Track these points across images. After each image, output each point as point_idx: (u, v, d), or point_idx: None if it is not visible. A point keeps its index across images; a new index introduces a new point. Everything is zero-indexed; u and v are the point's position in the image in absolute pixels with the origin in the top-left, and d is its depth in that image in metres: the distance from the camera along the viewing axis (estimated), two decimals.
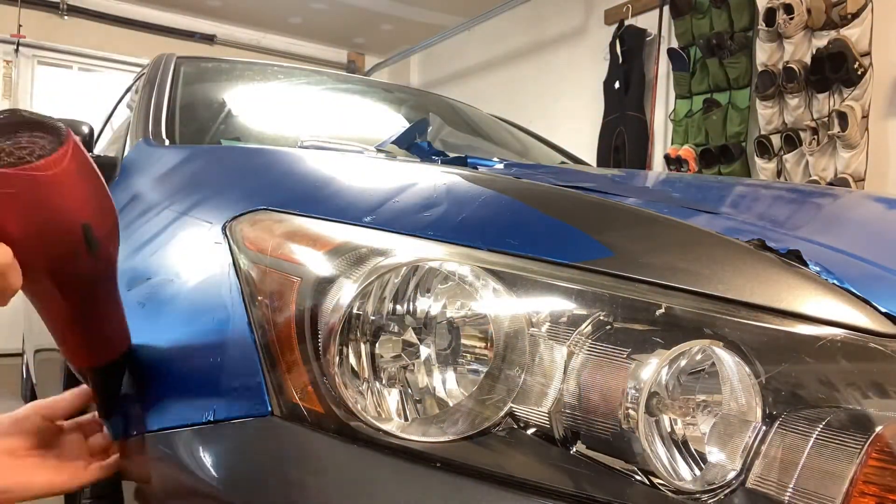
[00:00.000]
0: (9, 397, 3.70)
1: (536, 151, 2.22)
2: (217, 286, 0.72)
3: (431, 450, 0.56)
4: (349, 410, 0.59)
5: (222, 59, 2.23)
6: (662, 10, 4.29)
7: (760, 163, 3.68)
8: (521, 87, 5.45)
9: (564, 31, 5.11)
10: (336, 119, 2.02)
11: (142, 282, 0.87)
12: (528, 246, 0.62)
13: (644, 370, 0.52)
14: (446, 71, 6.32)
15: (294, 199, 0.79)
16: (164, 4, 5.85)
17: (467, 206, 0.71)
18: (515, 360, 0.57)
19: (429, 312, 0.61)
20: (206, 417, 0.65)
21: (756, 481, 0.49)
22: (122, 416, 0.79)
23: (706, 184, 1.26)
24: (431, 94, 2.75)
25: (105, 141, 2.50)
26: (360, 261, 0.63)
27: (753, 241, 0.62)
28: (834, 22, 3.32)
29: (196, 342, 0.72)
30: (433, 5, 5.72)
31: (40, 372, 2.14)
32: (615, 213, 0.72)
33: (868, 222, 0.96)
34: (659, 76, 4.32)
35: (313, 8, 5.82)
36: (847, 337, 0.51)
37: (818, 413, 0.49)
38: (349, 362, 0.60)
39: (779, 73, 3.53)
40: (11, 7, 5.25)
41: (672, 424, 0.53)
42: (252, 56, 5.95)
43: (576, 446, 0.54)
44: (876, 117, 3.29)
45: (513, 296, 0.58)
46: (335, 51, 6.85)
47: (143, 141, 1.44)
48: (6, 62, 5.27)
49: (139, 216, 1.06)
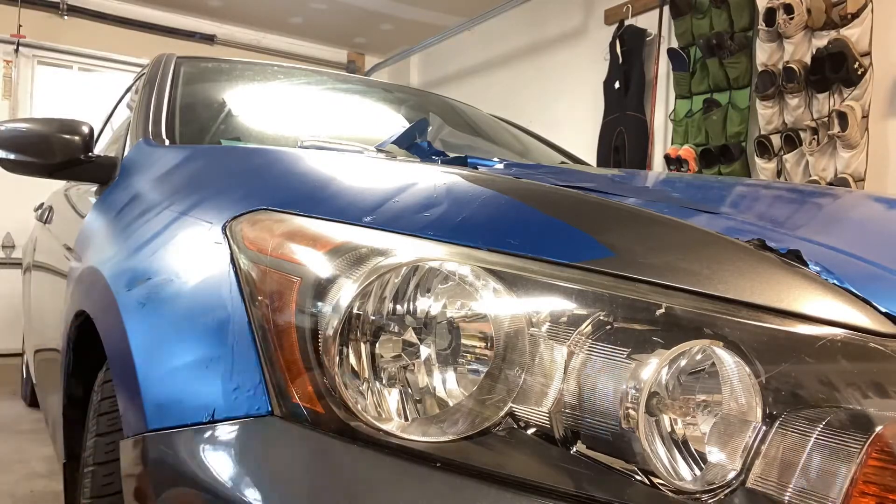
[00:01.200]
0: (9, 397, 3.70)
1: (536, 151, 2.22)
2: (217, 286, 0.72)
3: (431, 450, 0.56)
4: (349, 410, 0.59)
5: (222, 59, 2.22)
6: (662, 10, 4.29)
7: (760, 163, 3.68)
8: (521, 87, 5.45)
9: (564, 31, 5.11)
10: (336, 119, 2.02)
11: (142, 282, 0.86)
12: (528, 246, 0.62)
13: (644, 370, 0.52)
14: (446, 71, 6.31)
15: (294, 199, 0.79)
16: (164, 4, 5.85)
17: (467, 206, 0.71)
18: (515, 359, 0.57)
19: (429, 312, 0.61)
20: (206, 417, 0.65)
21: (756, 481, 0.49)
22: (123, 415, 0.79)
23: (706, 184, 1.26)
24: (431, 94, 2.75)
25: (105, 141, 2.49)
26: (361, 261, 0.63)
27: (753, 241, 0.62)
28: (834, 22, 3.32)
29: (196, 342, 0.72)
30: (433, 5, 5.71)
31: (40, 372, 2.14)
32: (615, 213, 0.72)
33: (868, 222, 0.96)
34: (659, 76, 4.32)
35: (313, 8, 5.82)
36: (847, 337, 0.51)
37: (818, 413, 0.49)
38: (349, 362, 0.60)
39: (779, 73, 3.53)
40: (11, 7, 5.25)
41: (672, 424, 0.53)
42: (252, 56, 5.95)
43: (576, 446, 0.54)
44: (876, 117, 3.28)
45: (513, 296, 0.58)
46: (335, 51, 6.85)
47: (143, 141, 1.44)
48: (6, 62, 5.27)
49: (139, 216, 1.06)
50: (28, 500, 2.23)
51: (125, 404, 0.78)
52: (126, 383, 0.78)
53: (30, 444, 2.81)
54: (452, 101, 2.54)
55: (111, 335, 0.87)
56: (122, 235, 1.08)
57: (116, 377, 0.84)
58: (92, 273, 1.07)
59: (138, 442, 0.72)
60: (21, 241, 4.38)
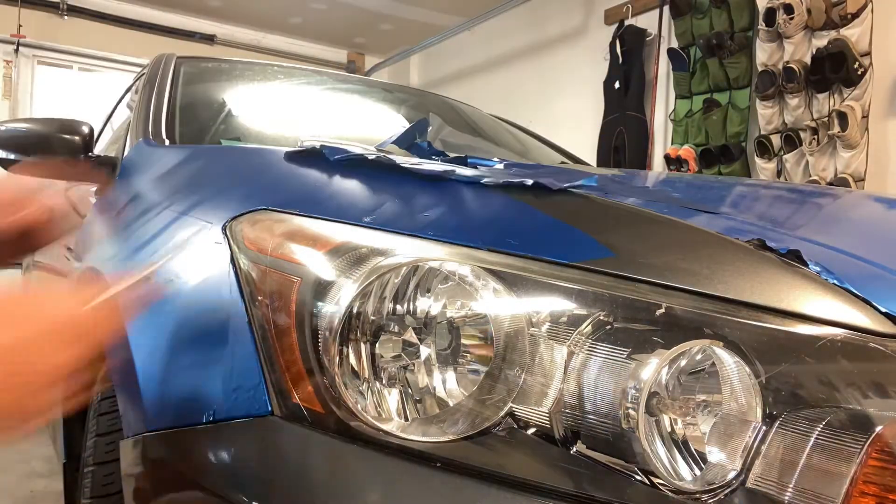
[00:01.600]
0: None
1: (536, 151, 2.22)
2: (217, 286, 0.72)
3: (432, 450, 0.56)
4: (349, 410, 0.59)
5: (222, 59, 2.22)
6: (662, 10, 4.29)
7: (760, 163, 3.68)
8: (521, 87, 5.44)
9: (564, 31, 5.11)
10: (336, 119, 2.02)
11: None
12: (528, 246, 0.62)
13: (644, 370, 0.52)
14: (446, 71, 6.31)
15: (294, 199, 0.79)
16: (164, 4, 5.85)
17: (467, 206, 0.71)
18: (515, 360, 0.57)
19: (429, 312, 0.61)
20: (206, 417, 0.65)
21: (756, 481, 0.49)
22: (123, 415, 0.79)
23: (706, 184, 1.26)
24: (431, 94, 2.75)
25: (105, 141, 2.49)
26: (360, 261, 0.63)
27: (753, 241, 0.62)
28: (834, 22, 3.32)
29: (196, 342, 0.72)
30: (433, 5, 5.71)
31: None
32: (615, 213, 0.72)
33: (868, 222, 0.96)
34: (659, 76, 4.32)
35: (313, 8, 5.82)
36: (847, 337, 0.51)
37: (818, 413, 0.49)
38: (349, 362, 0.60)
39: (779, 73, 3.52)
40: (11, 7, 5.25)
41: (672, 424, 0.53)
42: (252, 56, 5.95)
43: (576, 446, 0.54)
44: (876, 117, 3.28)
45: (513, 296, 0.58)
46: (335, 51, 6.85)
47: (143, 141, 1.44)
48: (6, 62, 5.27)
49: (139, 216, 1.06)
50: (28, 500, 2.23)
51: (125, 404, 0.79)
52: (126, 383, 0.78)
53: (30, 444, 2.81)
54: (452, 101, 2.54)
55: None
56: (121, 235, 1.08)
57: (116, 377, 0.84)
58: (92, 273, 1.07)
59: (138, 442, 0.72)
60: None
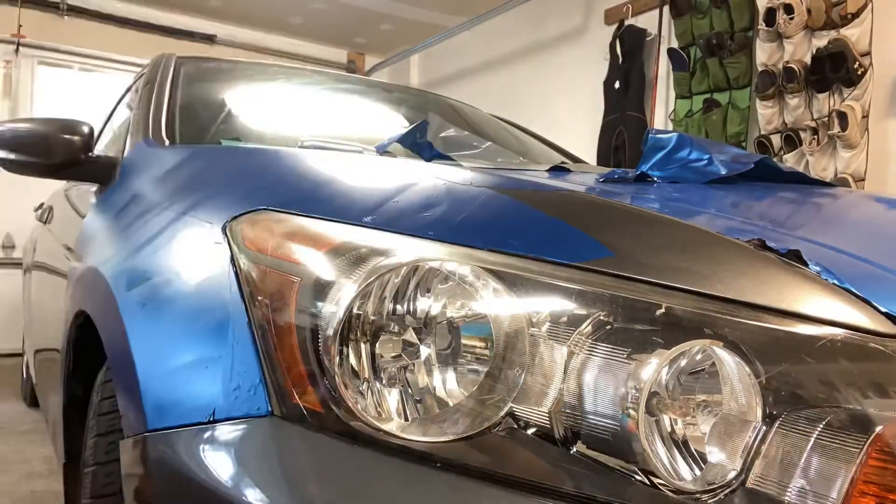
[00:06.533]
0: (9, 397, 3.70)
1: (536, 151, 2.22)
2: (217, 286, 0.72)
3: (432, 450, 0.56)
4: (349, 410, 0.59)
5: (222, 59, 2.23)
6: (662, 10, 4.28)
7: None
8: (521, 87, 5.44)
9: (564, 31, 5.10)
10: (336, 119, 2.02)
11: (142, 282, 0.87)
12: (528, 246, 0.62)
13: (644, 370, 0.52)
14: (446, 71, 6.31)
15: (294, 199, 0.79)
16: (164, 4, 5.85)
17: (467, 206, 0.71)
18: (515, 360, 0.57)
19: (429, 312, 0.61)
20: (206, 417, 0.65)
21: (756, 481, 0.49)
22: (123, 415, 0.79)
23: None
24: (431, 94, 2.75)
25: (105, 141, 2.49)
26: (360, 261, 0.63)
27: (753, 241, 0.62)
28: (834, 22, 3.32)
29: (196, 342, 0.72)
30: (433, 5, 5.71)
31: (40, 372, 2.14)
32: (615, 213, 0.72)
33: (868, 222, 0.96)
34: (659, 76, 4.32)
35: (313, 8, 5.82)
36: (847, 337, 0.51)
37: (818, 413, 0.49)
38: (349, 362, 0.60)
39: (779, 73, 3.52)
40: (11, 7, 5.25)
41: (672, 424, 0.53)
42: (252, 56, 5.95)
43: (576, 446, 0.54)
44: (876, 117, 3.28)
45: (513, 296, 0.58)
46: (335, 51, 6.84)
47: (143, 141, 1.44)
48: (6, 62, 5.26)
49: (139, 216, 1.06)
50: (28, 500, 2.23)
51: (125, 404, 0.78)
52: (126, 383, 0.78)
53: (30, 444, 2.81)
54: (452, 101, 2.53)
55: (111, 335, 0.87)
56: (122, 236, 1.08)
57: (116, 377, 0.84)
58: (92, 273, 1.07)
59: (138, 442, 0.72)
60: (21, 241, 4.37)
